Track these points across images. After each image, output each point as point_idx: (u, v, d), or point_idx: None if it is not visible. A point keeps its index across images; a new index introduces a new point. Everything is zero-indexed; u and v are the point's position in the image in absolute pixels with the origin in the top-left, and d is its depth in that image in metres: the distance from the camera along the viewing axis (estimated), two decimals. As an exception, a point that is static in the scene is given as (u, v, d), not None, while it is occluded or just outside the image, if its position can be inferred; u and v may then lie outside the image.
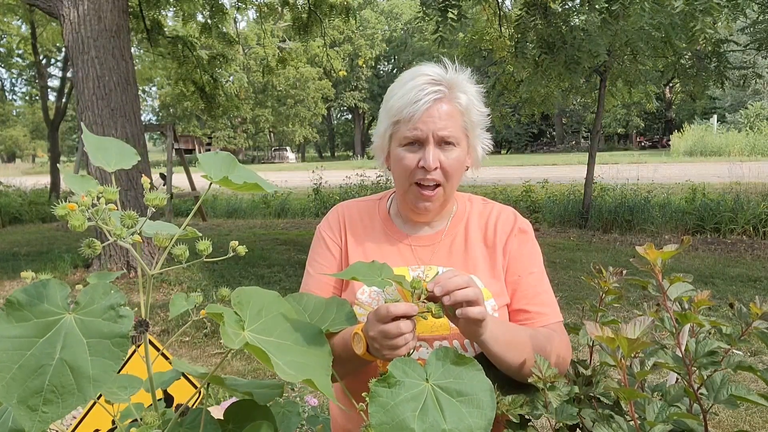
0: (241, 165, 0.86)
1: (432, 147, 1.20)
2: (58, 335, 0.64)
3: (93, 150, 0.84)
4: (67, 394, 0.62)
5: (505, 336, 1.07)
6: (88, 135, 0.84)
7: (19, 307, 0.65)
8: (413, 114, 1.18)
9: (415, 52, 50.22)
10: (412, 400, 0.78)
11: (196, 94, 12.24)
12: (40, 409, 0.61)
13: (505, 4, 9.28)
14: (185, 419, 0.85)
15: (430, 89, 1.18)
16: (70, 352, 0.63)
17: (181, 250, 0.80)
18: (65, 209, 0.69)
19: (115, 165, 0.84)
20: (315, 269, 1.35)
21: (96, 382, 0.62)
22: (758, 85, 31.86)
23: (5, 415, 0.81)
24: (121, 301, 0.66)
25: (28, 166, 51.21)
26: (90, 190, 0.71)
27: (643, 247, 0.93)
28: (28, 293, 0.66)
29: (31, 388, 0.61)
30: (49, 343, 0.63)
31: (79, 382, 0.62)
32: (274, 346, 0.78)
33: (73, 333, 0.64)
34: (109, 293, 0.67)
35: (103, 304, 0.66)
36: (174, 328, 5.07)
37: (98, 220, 0.71)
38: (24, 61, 23.65)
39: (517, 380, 1.10)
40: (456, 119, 1.21)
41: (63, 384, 0.62)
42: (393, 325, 0.94)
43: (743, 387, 0.90)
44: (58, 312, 0.65)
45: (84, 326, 0.65)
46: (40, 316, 0.65)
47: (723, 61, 8.21)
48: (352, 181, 13.40)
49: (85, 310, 0.66)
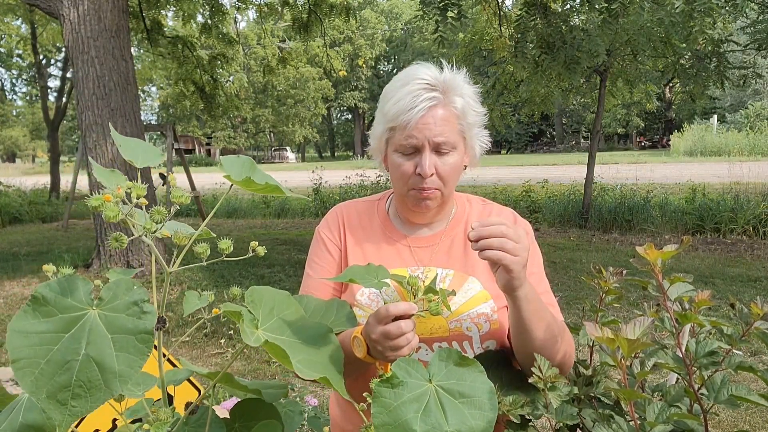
0: (259, 168, 0.87)
1: (428, 154, 1.19)
2: (83, 331, 0.64)
3: (124, 147, 0.86)
4: (95, 389, 0.63)
5: (536, 301, 1.08)
6: (115, 134, 0.86)
7: (44, 302, 0.65)
8: (408, 122, 1.18)
9: (415, 52, 50.22)
10: (415, 401, 0.78)
11: (196, 94, 12.24)
12: (69, 403, 0.62)
13: (505, 4, 9.28)
14: (191, 418, 0.85)
15: (425, 95, 1.17)
16: (95, 348, 0.64)
17: (203, 249, 0.81)
18: (99, 200, 0.69)
19: (143, 162, 0.85)
20: (314, 271, 1.35)
21: (122, 377, 0.63)
22: (758, 85, 31.88)
23: (15, 411, 0.81)
24: (144, 297, 0.67)
25: (28, 166, 51.18)
26: (121, 184, 0.72)
27: (643, 248, 0.93)
28: (52, 289, 0.66)
29: (59, 383, 0.62)
30: (75, 339, 0.64)
31: (106, 377, 0.63)
32: (287, 345, 0.79)
33: (98, 329, 0.65)
34: (132, 289, 0.67)
35: (126, 300, 0.67)
36: (175, 329, 5.07)
37: (127, 214, 0.71)
38: (24, 61, 23.66)
39: (522, 366, 1.12)
40: (452, 124, 1.21)
41: (90, 379, 0.63)
42: (394, 325, 0.95)
43: (743, 387, 0.90)
44: (82, 307, 0.66)
45: (108, 322, 0.65)
46: (64, 312, 0.65)
47: (723, 61, 8.21)
48: (352, 181, 13.40)
49: (109, 306, 0.66)
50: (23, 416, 0.80)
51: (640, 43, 7.41)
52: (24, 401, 0.82)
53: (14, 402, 0.83)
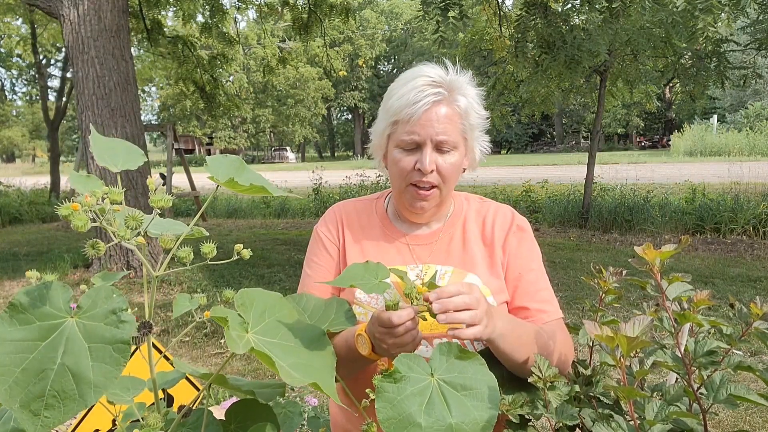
0: (248, 168, 0.86)
1: (429, 150, 1.20)
2: (60, 339, 0.63)
3: (99, 150, 0.84)
4: (69, 400, 0.62)
5: (513, 333, 1.07)
6: (96, 135, 0.85)
7: (21, 309, 0.64)
8: (412, 115, 1.18)
9: (415, 52, 50.22)
10: (418, 394, 0.79)
11: (197, 93, 12.23)
12: (42, 413, 0.61)
13: (505, 4, 9.28)
14: (187, 420, 0.85)
15: (430, 91, 1.18)
16: (71, 357, 0.63)
17: (185, 253, 0.78)
18: (68, 209, 0.68)
19: (122, 165, 0.84)
20: (313, 270, 1.35)
21: (97, 387, 0.62)
22: (758, 85, 31.87)
23: (7, 415, 0.81)
24: (122, 306, 0.66)
25: (28, 166, 51.16)
26: (95, 191, 0.71)
27: (642, 247, 0.93)
28: (30, 295, 0.65)
29: (34, 393, 0.61)
30: (52, 347, 0.63)
31: (81, 387, 0.62)
32: (278, 348, 0.78)
33: (75, 337, 0.64)
34: (111, 297, 0.66)
35: (104, 309, 0.66)
36: (174, 329, 5.07)
37: (102, 220, 0.70)
38: (24, 61, 23.65)
39: (520, 376, 1.11)
40: (454, 122, 1.21)
41: (64, 389, 0.62)
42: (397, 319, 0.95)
43: (743, 387, 0.90)
44: (60, 315, 0.65)
45: (86, 330, 0.64)
46: (42, 319, 0.64)
47: (723, 61, 8.20)
48: (352, 181, 13.40)
49: (88, 314, 0.65)
50: (14, 421, 0.79)
51: (640, 43, 7.40)
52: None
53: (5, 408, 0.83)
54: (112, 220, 0.71)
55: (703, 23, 5.03)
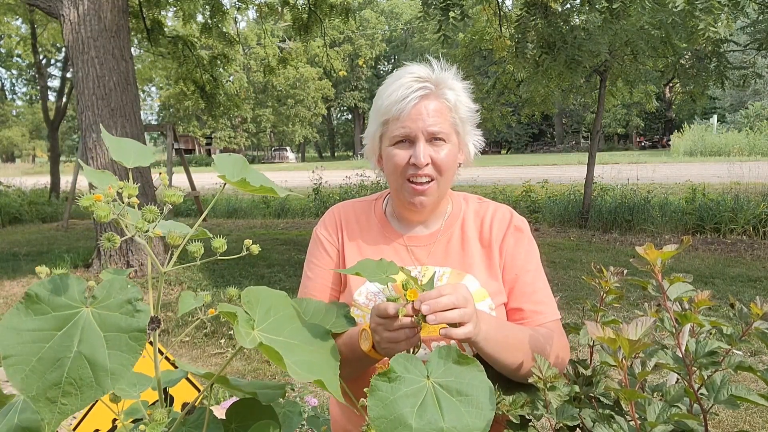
0: (251, 167, 0.87)
1: (422, 143, 1.20)
2: (76, 328, 0.64)
3: (113, 148, 0.85)
4: (86, 387, 0.62)
5: (499, 337, 1.07)
6: (105, 134, 0.86)
7: (37, 300, 0.65)
8: (401, 111, 1.19)
9: (415, 52, 50.20)
10: (412, 396, 0.78)
11: (197, 93, 12.23)
12: (59, 401, 0.62)
13: (505, 4, 9.28)
14: (188, 419, 0.85)
15: (417, 86, 1.20)
16: (87, 346, 0.63)
17: (196, 248, 0.80)
18: (91, 200, 0.69)
19: (134, 162, 0.85)
20: (313, 272, 1.35)
21: (114, 375, 0.63)
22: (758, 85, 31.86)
23: (11, 412, 0.81)
24: (137, 296, 0.66)
25: (28, 166, 51.16)
26: (112, 184, 0.72)
27: (643, 248, 0.93)
28: (46, 287, 0.66)
29: (50, 381, 0.62)
30: (67, 336, 0.64)
31: (97, 375, 0.63)
32: (283, 346, 0.78)
33: (91, 327, 0.65)
34: (125, 288, 0.67)
35: (119, 299, 0.66)
36: (174, 329, 5.07)
37: (119, 213, 0.71)
38: (24, 61, 23.65)
39: (515, 381, 1.11)
40: (444, 115, 1.22)
41: (81, 377, 0.62)
42: (391, 308, 0.96)
43: (743, 387, 0.90)
44: (75, 305, 0.66)
45: (101, 320, 0.65)
46: (58, 310, 0.65)
47: (723, 61, 8.21)
48: (352, 181, 13.40)
49: (103, 304, 0.66)
50: (18, 417, 0.80)
51: (640, 44, 7.40)
52: (20, 402, 0.82)
53: (11, 403, 0.83)
54: (125, 214, 0.72)
55: (704, 23, 5.04)
